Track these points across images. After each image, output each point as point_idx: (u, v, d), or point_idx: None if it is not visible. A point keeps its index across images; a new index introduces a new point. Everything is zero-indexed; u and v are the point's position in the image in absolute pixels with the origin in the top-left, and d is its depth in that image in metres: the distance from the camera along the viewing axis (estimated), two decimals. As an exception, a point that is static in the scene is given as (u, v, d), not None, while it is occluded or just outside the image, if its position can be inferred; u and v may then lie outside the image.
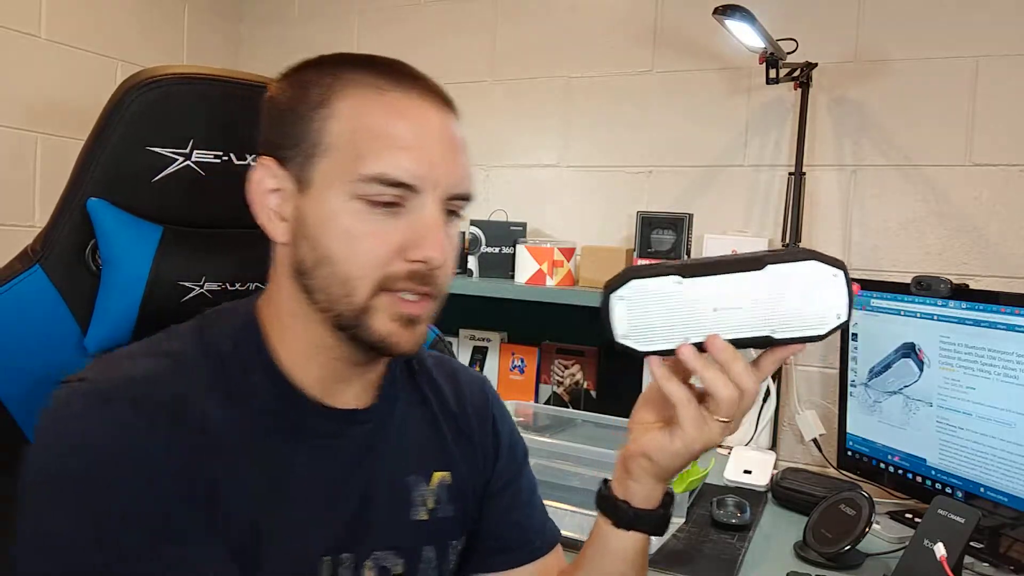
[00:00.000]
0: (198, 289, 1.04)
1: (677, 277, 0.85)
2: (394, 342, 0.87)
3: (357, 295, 0.85)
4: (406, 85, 0.88)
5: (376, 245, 0.84)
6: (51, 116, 2.54)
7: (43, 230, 1.00)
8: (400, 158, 0.84)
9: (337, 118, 0.86)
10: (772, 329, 0.83)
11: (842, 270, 0.82)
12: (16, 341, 0.97)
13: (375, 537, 0.96)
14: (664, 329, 0.86)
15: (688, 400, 0.87)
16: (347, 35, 3.02)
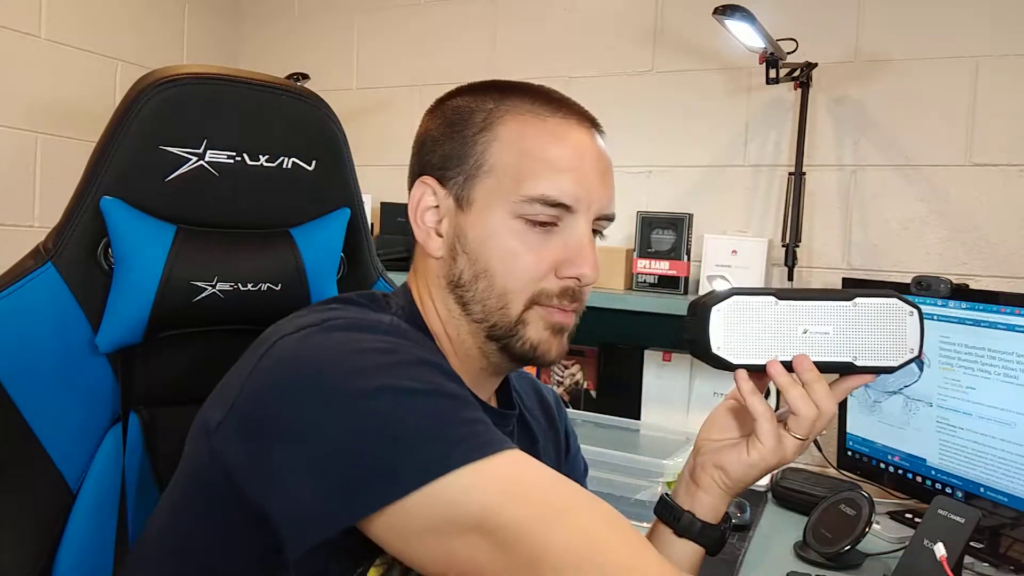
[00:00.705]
0: (210, 289, 1.04)
1: (774, 298, 0.91)
2: (545, 350, 0.92)
3: (512, 308, 0.90)
4: (564, 111, 0.94)
5: (533, 262, 0.90)
6: (51, 116, 2.54)
7: (55, 228, 1.00)
8: (560, 180, 0.89)
9: (500, 141, 0.92)
10: (854, 356, 0.91)
11: (917, 310, 0.91)
12: (27, 338, 0.97)
13: None
14: (756, 345, 0.92)
15: (769, 415, 0.92)
16: (347, 35, 3.02)
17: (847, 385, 0.94)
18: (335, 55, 3.04)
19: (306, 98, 1.10)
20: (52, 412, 1.00)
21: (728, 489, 0.99)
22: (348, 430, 0.73)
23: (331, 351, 0.78)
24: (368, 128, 2.92)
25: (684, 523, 1.00)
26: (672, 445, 1.91)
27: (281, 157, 1.08)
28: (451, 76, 2.79)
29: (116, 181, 0.98)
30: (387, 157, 2.90)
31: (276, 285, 1.10)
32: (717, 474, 0.98)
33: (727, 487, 0.99)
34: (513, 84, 0.96)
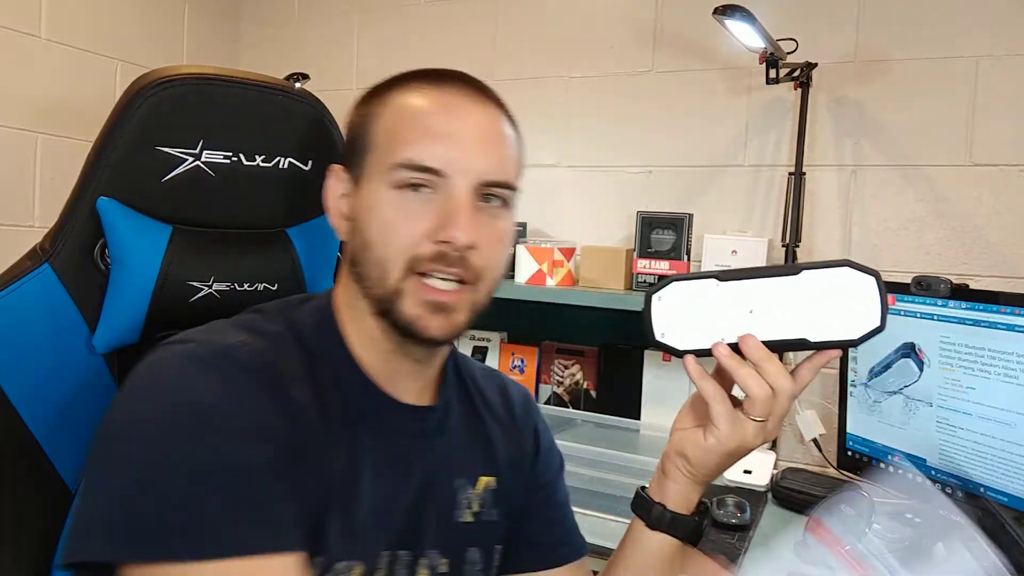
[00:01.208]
0: (207, 289, 1.04)
1: (715, 281, 0.89)
2: (423, 326, 0.89)
3: (390, 277, 0.88)
4: (447, 83, 0.94)
5: (407, 228, 0.88)
6: (51, 116, 2.54)
7: (52, 228, 1.00)
8: (428, 144, 0.88)
9: (381, 117, 0.92)
10: (807, 333, 0.86)
11: (874, 277, 0.84)
12: (24, 339, 0.97)
13: (427, 536, 0.97)
14: (701, 329, 0.90)
15: (720, 396, 0.91)
16: (347, 35, 3.02)
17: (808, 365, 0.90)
18: (335, 55, 3.04)
19: (302, 98, 1.10)
20: (49, 413, 1.00)
21: (693, 477, 0.98)
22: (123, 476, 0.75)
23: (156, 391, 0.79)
24: (368, 128, 2.92)
25: (655, 515, 1.00)
26: (672, 445, 1.91)
27: (277, 157, 1.08)
28: (451, 76, 2.81)
29: (112, 182, 0.98)
30: (387, 157, 2.91)
31: (272, 285, 1.10)
32: (680, 462, 0.97)
33: (692, 475, 0.97)
34: (420, 70, 0.97)
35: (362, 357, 0.94)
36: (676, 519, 0.99)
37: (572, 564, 1.15)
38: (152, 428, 0.76)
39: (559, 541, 1.15)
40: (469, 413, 1.08)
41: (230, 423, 0.78)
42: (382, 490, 0.92)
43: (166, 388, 0.79)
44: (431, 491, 0.98)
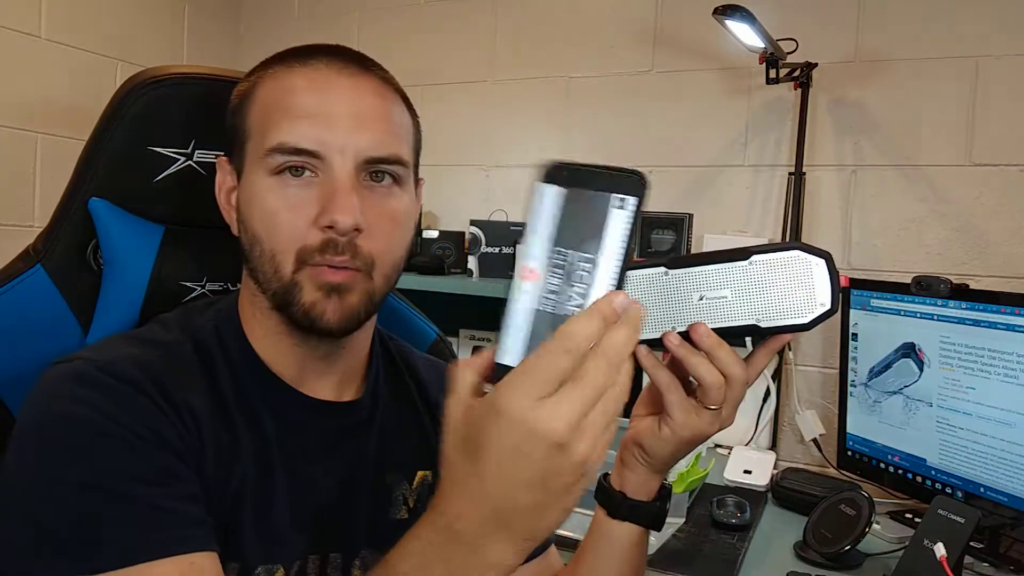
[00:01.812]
0: (200, 289, 1.04)
1: (664, 268, 0.87)
2: (319, 312, 0.86)
3: (283, 270, 0.85)
4: (315, 59, 0.89)
5: (291, 217, 0.85)
6: (51, 116, 2.55)
7: (45, 229, 1.00)
8: (298, 125, 0.84)
9: (254, 104, 0.89)
10: (757, 318, 0.84)
11: (824, 259, 0.83)
12: (17, 341, 0.97)
13: (358, 536, 0.95)
14: (652, 319, 0.87)
15: (674, 386, 0.87)
16: (347, 35, 3.02)
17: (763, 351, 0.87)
18: (335, 55, 3.04)
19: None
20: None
21: (651, 466, 0.94)
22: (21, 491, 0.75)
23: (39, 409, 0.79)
24: (368, 128, 2.92)
25: (615, 504, 0.97)
26: (671, 446, 1.91)
27: (269, 157, 1.07)
28: (451, 76, 2.82)
29: (104, 182, 0.98)
30: (387, 157, 2.91)
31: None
32: (637, 451, 0.94)
33: (649, 464, 0.94)
34: (291, 49, 0.92)
35: (268, 355, 0.92)
36: (636, 507, 0.96)
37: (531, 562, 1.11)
38: (36, 446, 0.76)
39: None
40: (404, 406, 1.06)
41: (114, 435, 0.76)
42: (298, 491, 0.90)
43: (48, 407, 0.78)
44: (359, 489, 0.96)
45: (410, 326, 1.29)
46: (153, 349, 0.86)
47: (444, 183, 2.84)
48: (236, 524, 0.84)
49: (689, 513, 1.79)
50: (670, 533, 1.67)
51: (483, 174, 2.77)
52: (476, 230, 2.53)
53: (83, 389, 0.78)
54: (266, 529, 0.87)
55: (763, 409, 2.23)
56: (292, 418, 0.92)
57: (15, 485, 0.75)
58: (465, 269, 2.56)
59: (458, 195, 2.82)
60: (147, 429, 0.78)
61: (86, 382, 0.79)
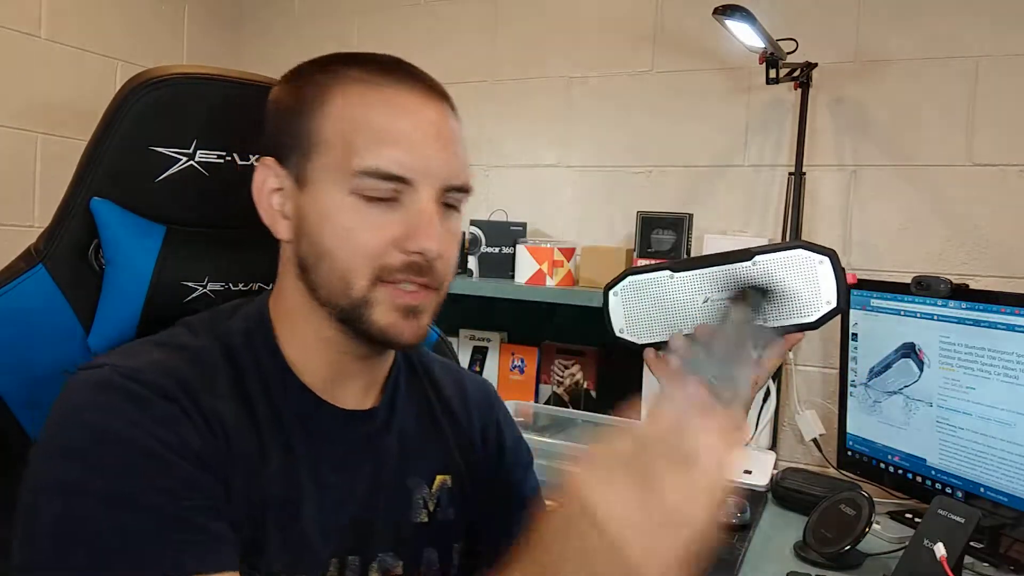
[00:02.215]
0: (201, 289, 1.04)
1: (669, 272, 0.87)
2: (396, 333, 0.88)
3: (355, 288, 0.86)
4: (399, 80, 0.89)
5: (372, 238, 0.85)
6: (51, 116, 2.54)
7: (46, 229, 1.00)
8: (393, 152, 0.85)
9: (330, 114, 0.88)
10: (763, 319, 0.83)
11: (829, 257, 0.83)
12: (19, 341, 0.97)
13: (378, 539, 0.96)
14: (658, 322, 0.89)
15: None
16: (347, 36, 3.02)
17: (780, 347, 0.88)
18: (335, 55, 3.04)
19: None
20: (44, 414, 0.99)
21: None
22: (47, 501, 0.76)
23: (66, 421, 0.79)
24: (368, 128, 2.92)
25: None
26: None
27: (272, 157, 1.07)
28: (451, 76, 2.79)
29: (106, 182, 0.98)
30: (387, 157, 2.91)
31: (267, 284, 1.09)
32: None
33: None
34: (351, 55, 0.92)
35: (300, 364, 0.92)
36: None
37: None
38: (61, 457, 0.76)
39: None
40: (422, 410, 1.06)
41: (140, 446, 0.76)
42: (326, 499, 0.91)
43: (73, 418, 0.78)
44: (380, 493, 0.97)
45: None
46: (180, 353, 0.86)
47: (444, 183, 2.83)
48: (262, 534, 0.85)
49: (689, 513, 1.78)
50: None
51: (483, 174, 2.77)
52: (476, 230, 2.53)
53: (108, 398, 0.78)
54: (292, 538, 0.87)
55: (763, 409, 2.23)
56: (320, 427, 0.93)
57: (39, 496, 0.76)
58: (465, 269, 2.56)
59: (458, 195, 2.81)
60: (173, 438, 0.78)
61: (111, 390, 0.79)
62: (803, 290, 0.84)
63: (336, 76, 0.89)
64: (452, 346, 1.33)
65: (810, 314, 0.84)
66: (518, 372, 2.63)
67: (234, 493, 0.82)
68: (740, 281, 0.83)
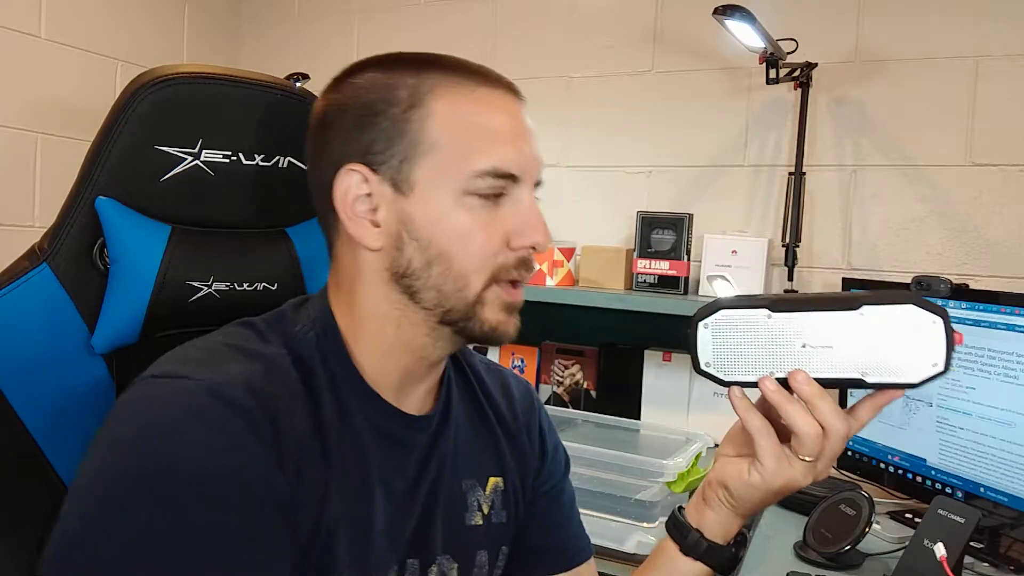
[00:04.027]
0: (206, 289, 1.04)
1: (767, 311, 0.84)
2: (504, 330, 0.90)
3: (471, 288, 0.87)
4: (488, 80, 0.91)
5: (487, 238, 0.86)
6: (51, 116, 2.54)
7: (50, 228, 1.00)
8: (506, 151, 0.87)
9: (435, 117, 0.86)
10: (863, 372, 0.82)
11: (942, 317, 0.79)
12: (23, 339, 0.96)
13: (437, 542, 0.96)
14: (749, 361, 0.86)
15: (766, 432, 0.87)
16: (347, 35, 3.02)
17: (868, 404, 0.85)
18: (335, 55, 3.04)
19: (302, 98, 1.09)
20: (48, 414, 0.99)
21: (734, 509, 0.94)
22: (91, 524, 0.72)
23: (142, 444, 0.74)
24: (368, 128, 2.92)
25: (690, 541, 0.97)
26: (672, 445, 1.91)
27: (276, 157, 1.07)
28: (451, 76, 2.81)
29: (111, 181, 0.98)
30: (387, 157, 2.91)
31: (272, 285, 1.09)
32: (722, 492, 0.94)
33: (733, 507, 0.94)
34: (423, 56, 0.91)
35: (371, 370, 0.91)
36: (711, 548, 0.96)
37: (578, 568, 1.14)
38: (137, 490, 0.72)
39: (564, 546, 1.14)
40: (474, 412, 1.06)
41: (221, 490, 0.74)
42: (394, 507, 0.91)
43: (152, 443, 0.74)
44: (439, 496, 0.96)
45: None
46: (258, 364, 0.83)
47: (444, 183, 2.84)
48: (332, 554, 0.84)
49: (690, 513, 1.79)
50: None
51: (483, 174, 2.77)
52: (476, 230, 2.53)
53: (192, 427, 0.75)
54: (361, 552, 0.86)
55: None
56: (390, 433, 0.92)
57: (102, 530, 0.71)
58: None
59: (458, 195, 2.81)
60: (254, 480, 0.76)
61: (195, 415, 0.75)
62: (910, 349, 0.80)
63: (426, 79, 0.88)
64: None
65: (914, 375, 0.80)
66: (518, 372, 2.63)
67: (301, 523, 0.80)
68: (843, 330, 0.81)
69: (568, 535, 1.15)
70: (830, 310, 0.82)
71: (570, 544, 1.14)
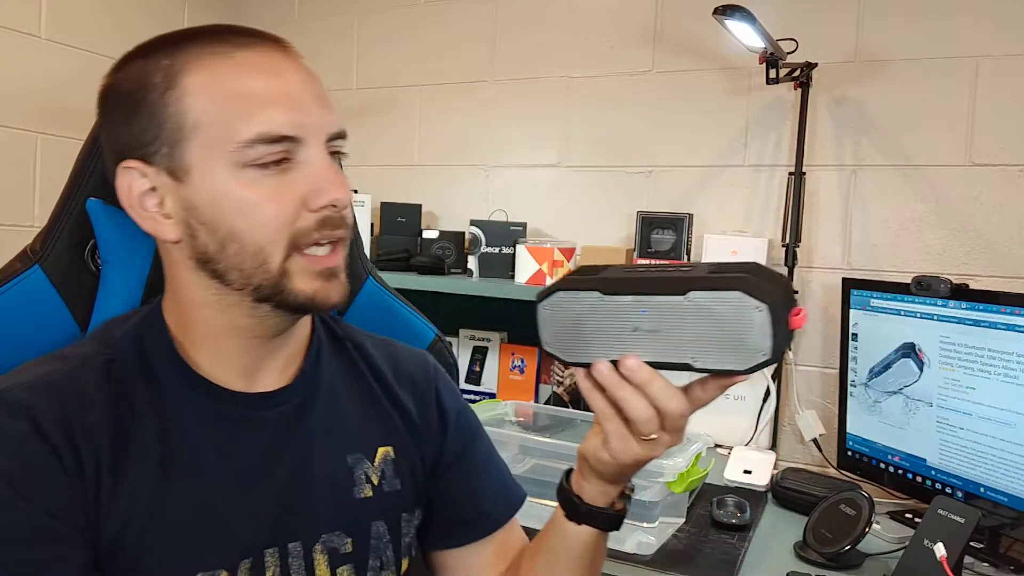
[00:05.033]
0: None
1: (598, 294, 0.82)
2: (323, 298, 0.87)
3: (272, 261, 0.84)
4: (246, 42, 0.87)
5: (278, 207, 0.83)
6: (51, 116, 2.55)
7: (43, 230, 1.00)
8: (272, 113, 0.82)
9: (192, 95, 0.83)
10: (692, 358, 0.79)
11: (769, 305, 0.75)
12: (15, 341, 0.96)
13: (319, 521, 0.94)
14: (585, 343, 0.84)
15: (610, 415, 0.85)
16: (347, 35, 3.02)
17: (701, 387, 0.83)
18: (335, 55, 3.04)
19: None
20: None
21: (602, 477, 0.92)
22: None
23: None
24: (368, 128, 2.93)
25: (572, 507, 0.95)
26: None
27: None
28: (451, 76, 2.81)
29: (102, 183, 0.98)
30: (387, 157, 2.91)
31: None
32: (585, 465, 0.93)
33: (600, 476, 0.92)
34: (183, 32, 0.88)
35: (207, 360, 0.91)
36: (592, 512, 0.95)
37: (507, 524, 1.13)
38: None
39: (485, 512, 1.11)
40: (356, 384, 1.05)
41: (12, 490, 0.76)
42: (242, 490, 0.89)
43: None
44: (315, 474, 0.95)
45: (409, 326, 1.29)
46: (61, 364, 0.85)
47: (444, 183, 2.85)
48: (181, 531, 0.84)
49: (689, 513, 1.79)
50: (670, 533, 1.67)
51: (483, 174, 2.77)
52: (476, 230, 2.53)
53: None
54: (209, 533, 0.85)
55: (763, 409, 2.23)
56: (229, 416, 0.91)
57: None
58: (465, 269, 2.56)
59: (458, 195, 2.83)
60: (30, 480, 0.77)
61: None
62: (736, 336, 0.77)
63: (178, 56, 0.85)
64: (451, 346, 1.32)
65: (742, 362, 0.77)
66: (518, 372, 2.63)
67: (105, 521, 0.81)
68: (670, 314, 0.79)
69: (487, 500, 1.12)
70: (659, 294, 0.80)
71: (490, 508, 1.12)
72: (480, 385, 2.68)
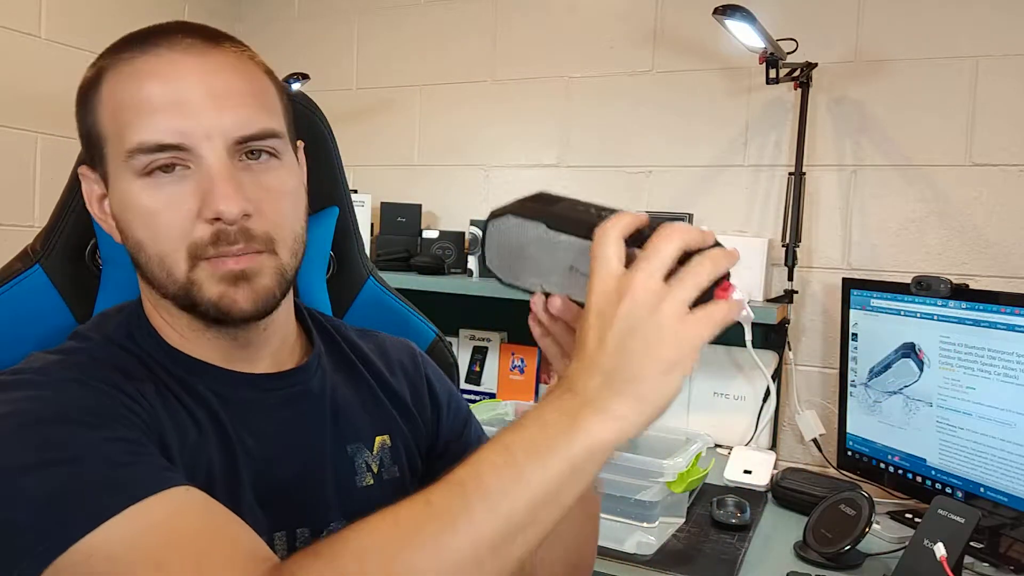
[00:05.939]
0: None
1: (544, 227, 0.81)
2: (229, 303, 0.83)
3: (177, 271, 0.82)
4: (154, 45, 0.84)
5: (173, 216, 0.81)
6: (51, 116, 2.54)
7: (43, 230, 1.00)
8: (155, 120, 0.80)
9: (102, 105, 0.84)
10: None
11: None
12: (16, 341, 0.96)
13: (328, 509, 0.94)
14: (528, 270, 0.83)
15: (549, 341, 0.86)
16: (347, 36, 3.02)
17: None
18: (335, 55, 3.04)
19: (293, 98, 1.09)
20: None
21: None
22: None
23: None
24: (368, 128, 2.92)
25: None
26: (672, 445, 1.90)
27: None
28: (451, 76, 2.81)
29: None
30: (387, 157, 2.91)
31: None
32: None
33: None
34: (128, 35, 0.87)
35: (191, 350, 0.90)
36: None
37: None
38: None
39: None
40: (350, 376, 1.05)
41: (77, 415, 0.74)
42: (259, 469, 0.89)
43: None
44: (323, 461, 0.95)
45: (409, 326, 1.29)
46: (77, 354, 0.84)
47: (444, 183, 2.85)
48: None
49: (689, 513, 1.79)
50: (670, 533, 1.67)
51: (483, 174, 2.77)
52: (476, 230, 2.53)
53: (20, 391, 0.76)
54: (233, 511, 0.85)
55: (763, 409, 2.23)
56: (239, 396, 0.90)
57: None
58: (465, 269, 2.56)
59: (458, 195, 2.83)
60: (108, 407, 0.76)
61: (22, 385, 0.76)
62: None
63: (102, 64, 0.86)
64: (451, 346, 1.32)
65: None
66: (518, 372, 2.62)
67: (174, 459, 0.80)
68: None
69: None
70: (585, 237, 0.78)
71: None
72: (480, 385, 2.68)
